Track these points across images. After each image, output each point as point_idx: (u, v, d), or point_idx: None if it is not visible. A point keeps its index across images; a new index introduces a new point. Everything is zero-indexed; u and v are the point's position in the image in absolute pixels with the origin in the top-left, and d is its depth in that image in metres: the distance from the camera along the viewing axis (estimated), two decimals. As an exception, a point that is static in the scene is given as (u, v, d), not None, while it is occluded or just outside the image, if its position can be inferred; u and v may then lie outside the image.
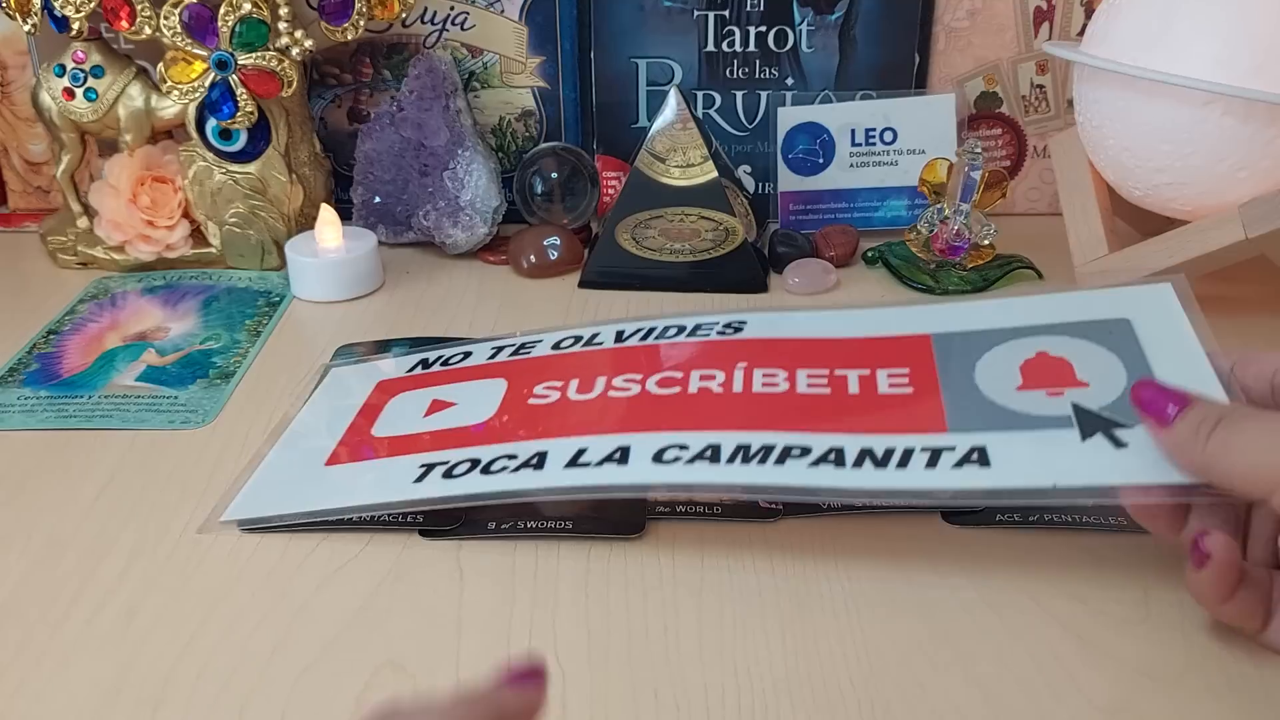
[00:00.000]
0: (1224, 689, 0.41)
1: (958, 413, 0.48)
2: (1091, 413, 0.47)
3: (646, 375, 0.56)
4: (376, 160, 0.81)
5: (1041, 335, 0.52)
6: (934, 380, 0.51)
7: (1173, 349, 0.49)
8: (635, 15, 0.82)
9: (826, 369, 0.53)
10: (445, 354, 0.63)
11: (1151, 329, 0.51)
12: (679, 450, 0.49)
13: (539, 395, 0.56)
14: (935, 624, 0.45)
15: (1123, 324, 0.52)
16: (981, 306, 0.56)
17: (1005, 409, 0.48)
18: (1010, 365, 0.51)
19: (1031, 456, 0.45)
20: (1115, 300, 0.53)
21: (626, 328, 0.61)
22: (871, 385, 0.52)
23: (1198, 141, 0.61)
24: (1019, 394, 0.49)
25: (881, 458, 0.46)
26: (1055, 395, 0.48)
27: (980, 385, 0.50)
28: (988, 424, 0.47)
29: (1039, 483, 0.44)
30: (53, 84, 0.77)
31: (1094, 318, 0.52)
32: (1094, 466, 0.44)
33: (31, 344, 0.70)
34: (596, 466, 0.49)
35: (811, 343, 0.56)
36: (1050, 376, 0.49)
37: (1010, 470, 0.45)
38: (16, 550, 0.51)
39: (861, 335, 0.56)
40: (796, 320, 0.59)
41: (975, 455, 0.46)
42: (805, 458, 0.47)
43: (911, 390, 0.51)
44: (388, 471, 0.53)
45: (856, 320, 0.58)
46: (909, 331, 0.55)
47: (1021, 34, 0.82)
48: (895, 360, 0.53)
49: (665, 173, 0.74)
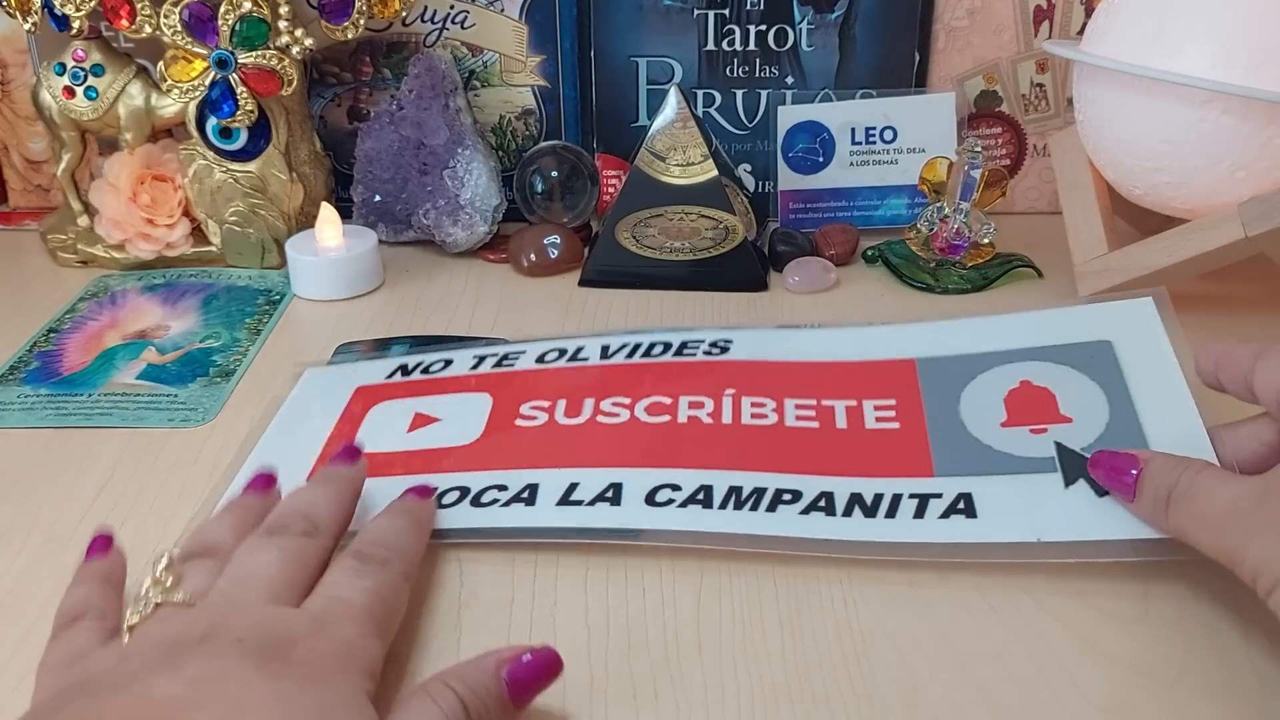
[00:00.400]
0: (1224, 689, 0.41)
1: (944, 454, 0.51)
2: (1074, 454, 0.49)
3: (635, 400, 0.56)
4: (376, 159, 0.81)
5: (1025, 361, 0.55)
6: (920, 414, 0.53)
7: (1153, 374, 0.52)
8: (635, 14, 0.82)
9: (814, 399, 0.55)
10: (425, 361, 0.63)
11: (1132, 351, 0.53)
12: (672, 491, 0.50)
13: (526, 416, 0.57)
14: (935, 624, 0.45)
15: (1104, 346, 0.54)
16: (965, 327, 0.58)
17: (990, 449, 0.50)
18: (994, 397, 0.53)
19: (1016, 505, 0.48)
20: (1097, 318, 0.56)
21: (612, 342, 0.62)
22: (859, 419, 0.54)
23: (1197, 140, 0.61)
24: (1003, 431, 0.51)
25: (871, 505, 0.48)
26: (1039, 433, 0.51)
27: (965, 421, 0.52)
28: (973, 468, 0.50)
29: (1024, 537, 0.46)
30: (53, 82, 0.77)
31: (1076, 340, 0.55)
32: (1075, 518, 0.47)
33: (31, 342, 0.70)
34: (590, 506, 0.50)
35: (798, 367, 0.58)
36: (1034, 411, 0.52)
37: (996, 522, 0.47)
38: (16, 547, 0.51)
39: (847, 359, 0.58)
40: (782, 341, 0.60)
41: (962, 504, 0.48)
42: (796, 504, 0.49)
43: (898, 426, 0.53)
44: (374, 493, 0.52)
45: (842, 341, 0.59)
46: (894, 355, 0.57)
47: (1021, 33, 0.82)
48: (881, 390, 0.55)
49: (665, 171, 0.74)
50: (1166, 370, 0.51)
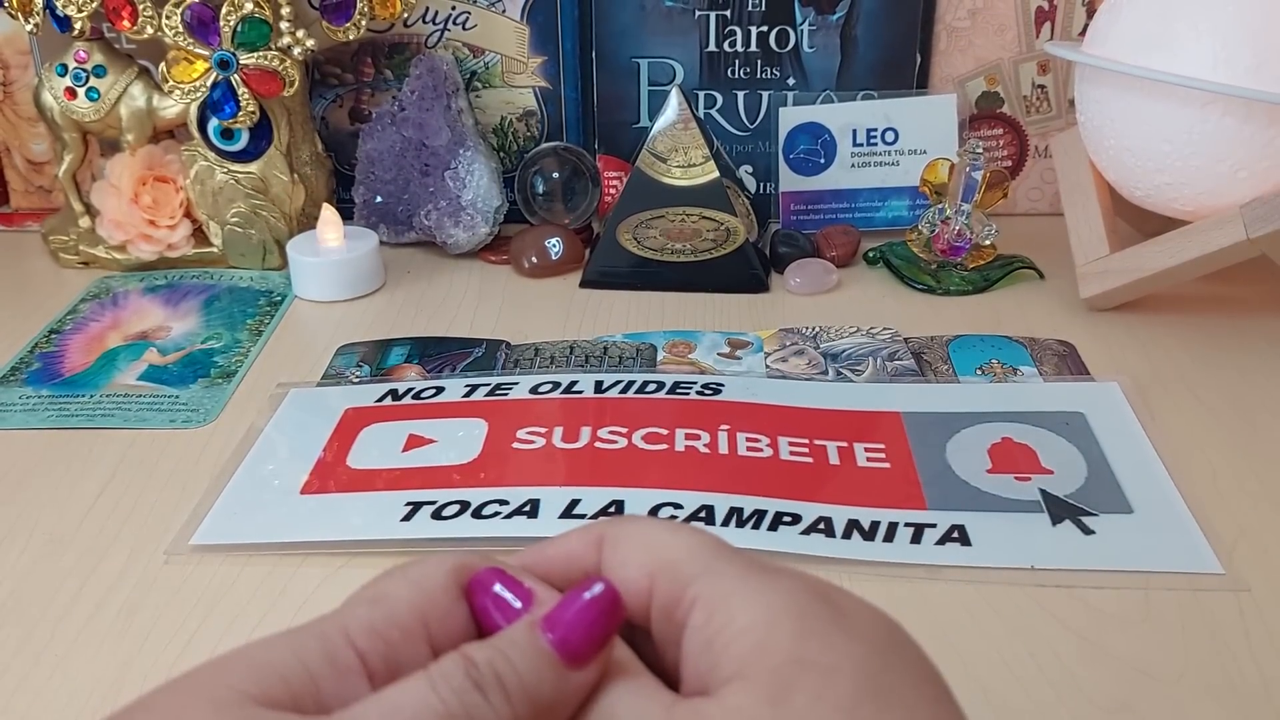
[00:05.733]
0: (1224, 689, 0.41)
1: (935, 492, 0.53)
2: (1059, 499, 0.52)
3: (631, 430, 0.57)
4: (378, 160, 0.81)
5: (1005, 422, 0.58)
6: (909, 457, 0.55)
7: (1125, 444, 0.55)
8: (637, 15, 0.82)
9: (807, 438, 0.57)
10: (415, 387, 0.63)
11: (1104, 423, 0.57)
12: (674, 510, 0.51)
13: (523, 440, 0.57)
14: (935, 624, 0.45)
15: (1078, 416, 0.58)
16: (946, 390, 0.61)
17: (979, 490, 0.53)
18: (979, 449, 0.56)
19: (1008, 536, 0.50)
20: (1069, 394, 0.60)
21: (605, 379, 0.62)
22: (851, 457, 0.55)
23: (1198, 142, 0.61)
24: (989, 476, 0.54)
25: (868, 530, 0.50)
26: (1023, 480, 0.53)
27: (953, 466, 0.54)
28: (964, 504, 0.52)
29: (1018, 563, 0.48)
30: (55, 83, 0.77)
31: (1051, 409, 0.59)
32: (1066, 551, 0.48)
33: (33, 343, 0.70)
34: (592, 520, 0.50)
35: (789, 410, 0.59)
36: (1017, 462, 0.55)
37: (990, 550, 0.49)
38: (18, 548, 0.51)
39: (835, 408, 0.60)
40: (772, 388, 0.62)
41: (956, 534, 0.50)
42: (796, 525, 0.50)
43: (889, 466, 0.55)
44: (370, 507, 0.53)
45: (829, 392, 0.61)
46: (880, 408, 0.59)
47: (1023, 34, 0.82)
48: (870, 435, 0.57)
49: (666, 173, 0.74)
50: (1138, 442, 0.56)
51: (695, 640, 0.27)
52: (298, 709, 0.25)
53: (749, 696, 0.25)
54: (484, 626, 0.28)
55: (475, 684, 0.26)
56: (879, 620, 0.28)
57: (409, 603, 0.28)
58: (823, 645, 0.26)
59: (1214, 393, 0.61)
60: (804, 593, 0.27)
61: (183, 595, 0.48)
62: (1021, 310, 0.71)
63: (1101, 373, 0.63)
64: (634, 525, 0.30)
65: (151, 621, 0.46)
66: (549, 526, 0.50)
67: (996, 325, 0.69)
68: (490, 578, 0.29)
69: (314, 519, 0.52)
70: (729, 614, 0.27)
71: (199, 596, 0.48)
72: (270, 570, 0.49)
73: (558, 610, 0.27)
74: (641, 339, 0.69)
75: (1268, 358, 0.65)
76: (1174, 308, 0.70)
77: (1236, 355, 0.65)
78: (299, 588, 0.48)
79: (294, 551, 0.50)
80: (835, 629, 0.26)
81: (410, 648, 0.27)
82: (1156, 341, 0.67)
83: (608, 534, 0.30)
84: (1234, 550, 0.49)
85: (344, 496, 0.54)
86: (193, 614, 0.47)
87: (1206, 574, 0.47)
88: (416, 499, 0.53)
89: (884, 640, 0.27)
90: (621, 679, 0.28)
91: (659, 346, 0.68)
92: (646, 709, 0.27)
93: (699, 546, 0.29)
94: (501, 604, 0.29)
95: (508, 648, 0.27)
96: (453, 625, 0.28)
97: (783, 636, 0.26)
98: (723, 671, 0.26)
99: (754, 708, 0.25)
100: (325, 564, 0.49)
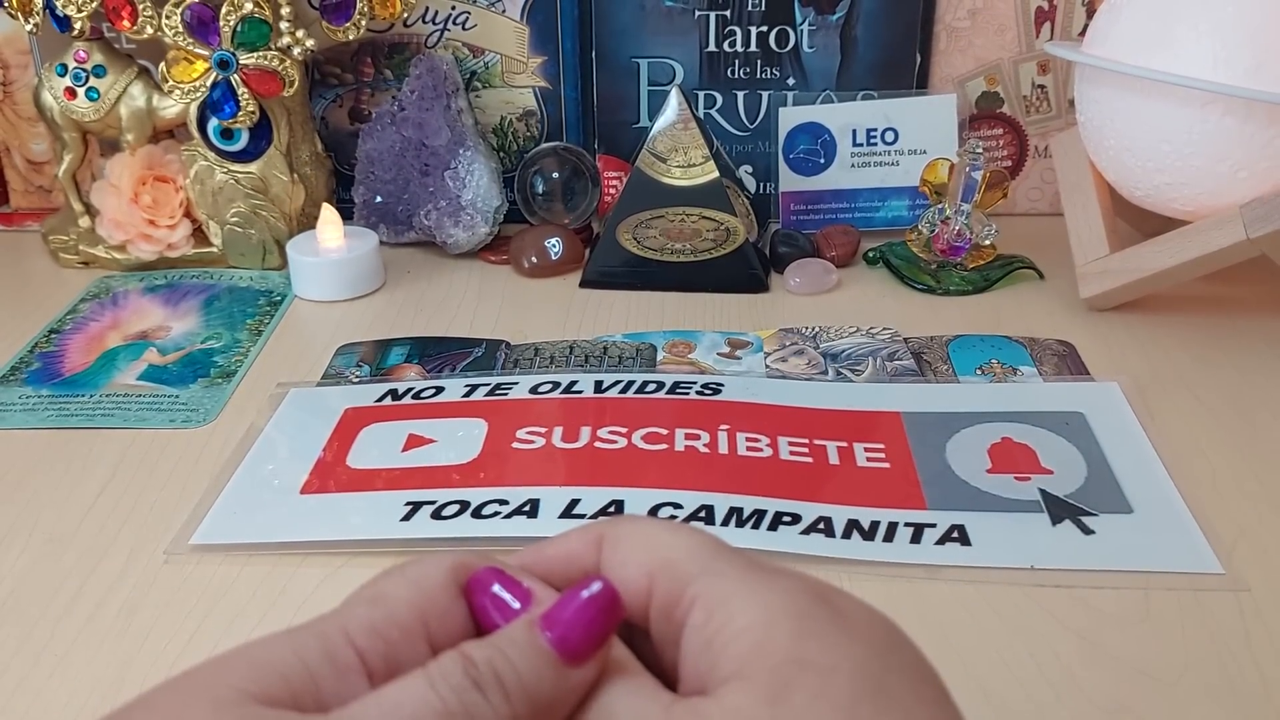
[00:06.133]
0: (1224, 689, 0.41)
1: (935, 492, 0.53)
2: (1059, 499, 0.52)
3: (631, 430, 0.57)
4: (378, 160, 0.81)
5: (1004, 422, 0.58)
6: (909, 457, 0.55)
7: (1125, 444, 0.55)
8: (636, 15, 0.82)
9: (806, 438, 0.57)
10: (415, 387, 0.63)
11: (1104, 423, 0.57)
12: (674, 509, 0.51)
13: (523, 440, 0.57)
14: (935, 624, 0.45)
15: (1078, 416, 0.58)
16: (946, 390, 0.61)
17: (979, 490, 0.53)
18: (979, 449, 0.56)
19: (1008, 536, 0.50)
20: (1069, 394, 0.60)
21: (605, 379, 0.62)
22: (850, 457, 0.55)
23: (1198, 142, 0.61)
24: (989, 476, 0.54)
25: (868, 530, 0.50)
26: (1023, 480, 0.53)
27: (952, 466, 0.55)
28: (963, 504, 0.52)
29: (1018, 563, 0.48)
30: (54, 83, 0.77)
31: (1051, 409, 0.59)
32: (1065, 551, 0.49)
33: (33, 343, 0.70)
34: (591, 520, 0.50)
35: (789, 410, 0.59)
36: (1016, 462, 0.55)
37: (989, 549, 0.49)
38: (17, 548, 0.51)
39: (835, 407, 0.60)
40: (772, 388, 0.62)
41: (956, 534, 0.50)
42: (796, 525, 0.50)
43: (889, 466, 0.55)
44: (370, 506, 0.53)
45: (829, 392, 0.61)
46: (879, 408, 0.60)
47: (1023, 34, 0.82)
48: (870, 435, 0.57)
49: (666, 173, 0.74)
50: (1138, 442, 0.56)
51: (694, 640, 0.27)
52: (297, 707, 0.26)
53: (748, 696, 0.25)
54: (483, 626, 0.28)
55: (474, 682, 0.26)
56: (878, 621, 0.28)
57: (408, 602, 0.28)
58: (821, 646, 0.26)
59: (1214, 393, 0.61)
60: (803, 593, 0.27)
61: (182, 595, 0.48)
62: (1021, 310, 0.71)
63: (1101, 373, 0.63)
64: (633, 525, 0.30)
65: (151, 621, 0.46)
66: (549, 526, 0.50)
67: (996, 325, 0.69)
68: (489, 577, 0.29)
69: (314, 519, 0.52)
70: (728, 614, 0.27)
71: (199, 596, 0.48)
72: (270, 570, 0.49)
73: (556, 609, 0.27)
74: (641, 339, 0.69)
75: (1267, 358, 0.65)
76: (1174, 308, 0.70)
77: (1236, 355, 0.65)
78: (299, 587, 0.48)
79: (294, 551, 0.50)
80: (834, 629, 0.26)
81: (410, 647, 0.27)
82: (1156, 341, 0.67)
83: (607, 533, 0.30)
84: (1234, 550, 0.49)
85: (344, 496, 0.54)
86: (192, 614, 0.47)
87: (1206, 574, 0.47)
88: (416, 499, 0.53)
89: (883, 641, 0.27)
90: (620, 678, 0.28)
91: (659, 346, 0.68)
92: (645, 708, 0.27)
93: (698, 546, 0.29)
94: (500, 603, 0.29)
95: (506, 646, 0.27)
96: (452, 624, 0.28)
97: (782, 637, 0.26)
98: (721, 671, 0.26)
99: (752, 707, 0.25)
100: (325, 564, 0.49)
